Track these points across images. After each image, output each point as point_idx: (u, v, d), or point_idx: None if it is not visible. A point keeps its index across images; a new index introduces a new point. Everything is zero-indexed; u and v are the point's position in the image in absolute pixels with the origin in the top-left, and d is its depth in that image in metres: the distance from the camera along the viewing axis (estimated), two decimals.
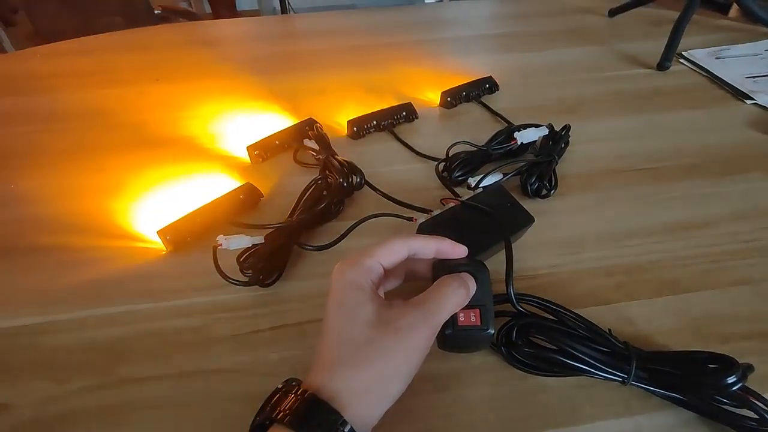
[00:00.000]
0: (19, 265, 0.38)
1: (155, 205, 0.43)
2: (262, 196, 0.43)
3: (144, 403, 0.29)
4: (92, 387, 0.29)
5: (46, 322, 0.33)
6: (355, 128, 0.52)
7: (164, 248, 0.38)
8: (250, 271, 0.35)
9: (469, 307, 0.26)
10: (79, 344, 0.32)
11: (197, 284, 0.36)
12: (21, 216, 0.43)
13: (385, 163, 0.48)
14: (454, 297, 0.25)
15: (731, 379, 0.25)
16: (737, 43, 0.72)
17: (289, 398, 0.23)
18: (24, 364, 0.31)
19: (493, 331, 0.26)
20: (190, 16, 1.71)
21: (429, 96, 0.60)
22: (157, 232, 0.38)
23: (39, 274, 0.37)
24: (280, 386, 0.24)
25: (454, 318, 0.25)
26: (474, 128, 0.53)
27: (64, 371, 0.30)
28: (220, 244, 0.34)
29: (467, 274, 0.26)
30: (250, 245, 0.35)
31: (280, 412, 0.22)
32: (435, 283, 0.26)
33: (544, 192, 0.42)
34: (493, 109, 0.57)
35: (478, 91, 0.59)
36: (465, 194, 0.40)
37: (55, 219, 0.42)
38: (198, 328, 0.33)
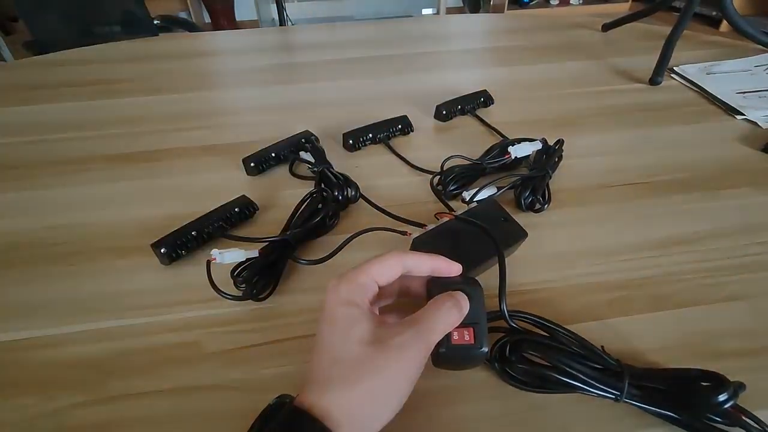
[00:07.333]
0: (8, 279, 0.38)
1: (148, 218, 0.43)
2: (257, 209, 0.43)
3: (135, 420, 0.28)
4: (83, 404, 0.29)
5: (35, 337, 0.33)
6: (350, 141, 0.52)
7: (157, 262, 0.38)
8: (244, 286, 0.35)
9: (463, 325, 0.26)
10: (70, 359, 0.32)
11: (190, 298, 0.35)
12: (11, 228, 0.42)
13: (380, 176, 0.48)
14: (448, 316, 0.25)
15: (722, 398, 0.25)
16: (728, 59, 0.73)
17: (281, 415, 0.22)
18: (12, 380, 0.30)
19: (486, 349, 0.26)
20: (189, 26, 1.73)
21: (424, 109, 0.60)
22: (151, 245, 0.37)
23: (28, 288, 0.37)
24: (272, 402, 0.24)
25: (447, 336, 0.25)
26: (468, 141, 0.54)
27: (54, 387, 0.30)
28: (214, 258, 0.34)
29: (461, 293, 0.27)
30: (244, 259, 0.35)
31: (271, 428, 0.22)
32: (429, 302, 0.26)
33: (538, 206, 0.43)
34: (488, 122, 0.57)
35: (473, 104, 0.60)
36: (459, 208, 0.40)
37: (44, 231, 0.42)
38: (191, 343, 0.33)
